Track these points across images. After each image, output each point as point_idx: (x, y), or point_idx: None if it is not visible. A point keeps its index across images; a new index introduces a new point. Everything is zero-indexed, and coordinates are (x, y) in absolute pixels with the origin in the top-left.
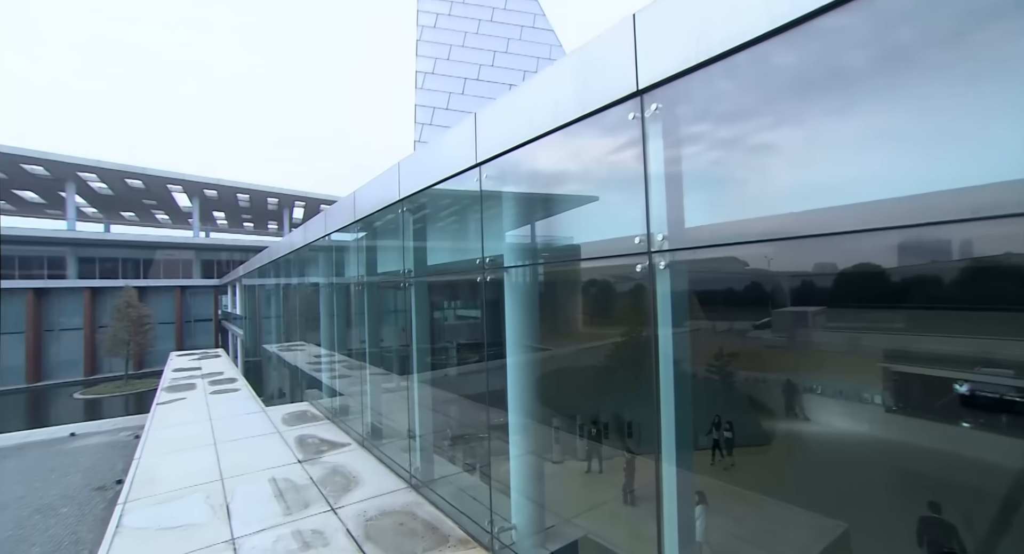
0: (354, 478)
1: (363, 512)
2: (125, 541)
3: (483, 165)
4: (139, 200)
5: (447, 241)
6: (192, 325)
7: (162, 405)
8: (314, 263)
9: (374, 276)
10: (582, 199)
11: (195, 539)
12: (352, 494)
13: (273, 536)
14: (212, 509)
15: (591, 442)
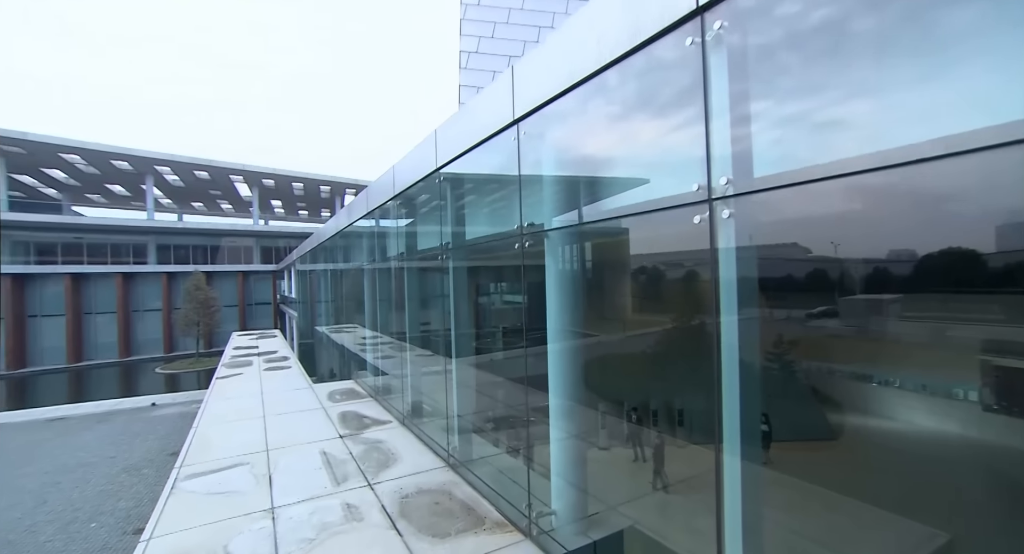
0: (393, 455)
1: (399, 489)
2: (177, 502)
3: (521, 122)
4: (206, 191)
5: (486, 210)
6: (253, 308)
7: (221, 379)
8: (357, 244)
9: (413, 254)
10: (631, 149)
11: (238, 505)
12: (390, 471)
13: (310, 508)
14: (256, 478)
15: (640, 429)
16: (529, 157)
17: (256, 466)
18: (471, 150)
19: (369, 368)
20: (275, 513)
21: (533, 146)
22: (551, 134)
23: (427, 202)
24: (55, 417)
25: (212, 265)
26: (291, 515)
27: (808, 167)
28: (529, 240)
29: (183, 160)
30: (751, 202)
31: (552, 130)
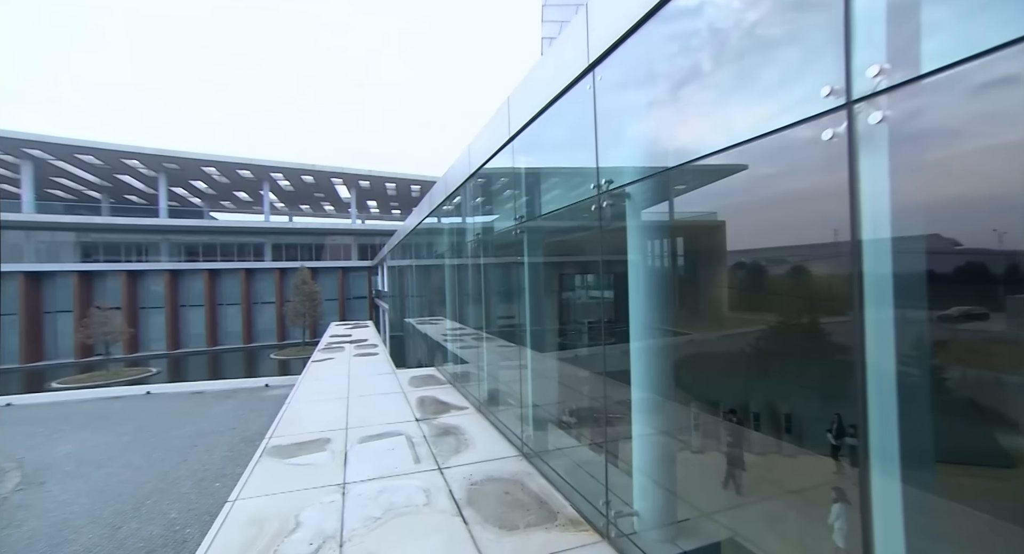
0: (465, 440)
1: (469, 475)
2: (262, 470)
3: (597, 66)
4: (311, 193)
5: (561, 177)
6: (352, 302)
7: (315, 362)
8: (435, 234)
9: (490, 236)
10: (726, 78)
11: (313, 478)
12: (461, 456)
13: (379, 487)
14: (333, 455)
15: (744, 431)
16: (606, 105)
17: (335, 443)
18: (545, 110)
19: (449, 356)
20: (346, 489)
21: (612, 91)
22: (633, 74)
23: (501, 179)
24: (196, 391)
25: (316, 262)
26: (360, 492)
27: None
28: (608, 200)
29: (292, 166)
30: (917, 101)
31: (634, 71)
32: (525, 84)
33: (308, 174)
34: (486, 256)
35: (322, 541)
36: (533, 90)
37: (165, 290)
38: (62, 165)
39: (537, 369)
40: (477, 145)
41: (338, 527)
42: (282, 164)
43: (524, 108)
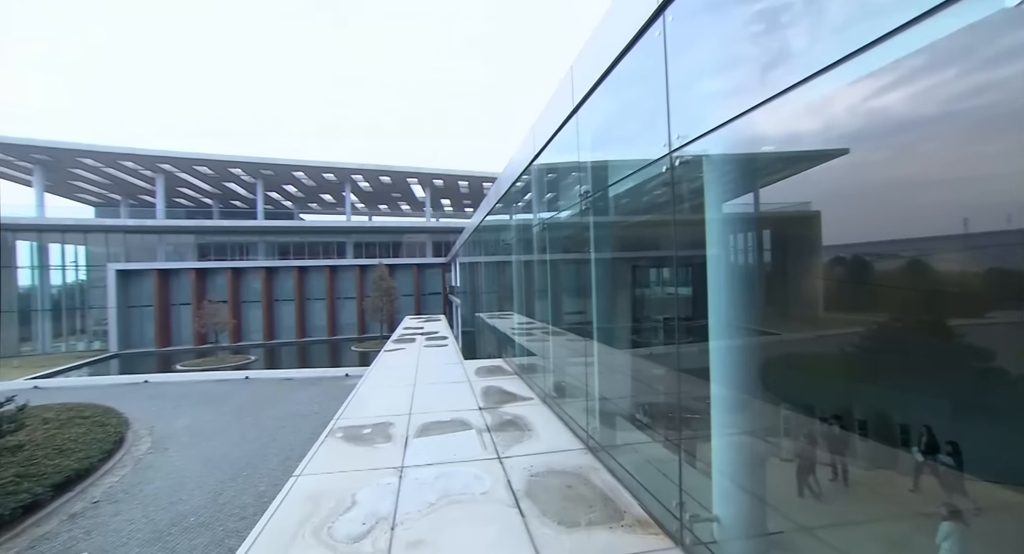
0: (528, 431)
1: (529, 466)
2: (326, 448)
3: (669, 5)
4: (389, 194)
5: (629, 145)
6: (426, 297)
7: (387, 352)
8: (503, 228)
9: (554, 222)
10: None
11: (372, 460)
12: (522, 446)
13: (436, 472)
14: (393, 438)
15: (851, 440)
16: (678, 53)
17: (397, 427)
18: (610, 70)
19: (516, 348)
20: (403, 472)
21: (682, 36)
22: (707, 8)
23: (566, 156)
24: (286, 377)
25: (394, 259)
26: (417, 476)
27: None
28: (681, 158)
29: (371, 167)
30: None
31: (708, 2)
32: (588, 46)
33: (385, 175)
34: (552, 248)
35: (375, 522)
36: (597, 50)
37: (262, 286)
38: (184, 176)
39: (605, 362)
40: (541, 124)
41: (392, 509)
42: (362, 166)
43: (588, 72)
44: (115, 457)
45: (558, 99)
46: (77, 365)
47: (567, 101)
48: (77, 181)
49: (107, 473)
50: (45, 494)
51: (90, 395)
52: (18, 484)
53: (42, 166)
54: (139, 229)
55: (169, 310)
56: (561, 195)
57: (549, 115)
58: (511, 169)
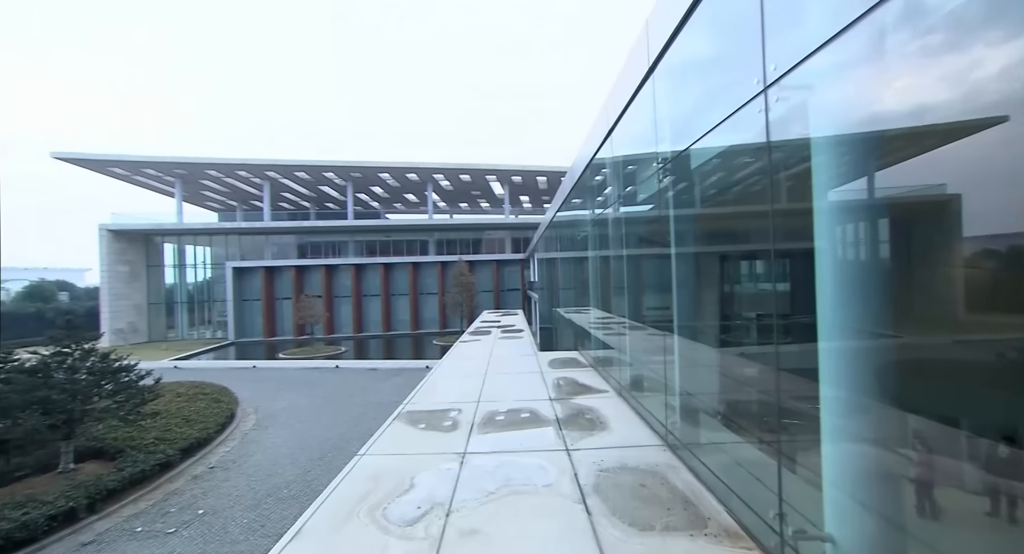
0: (600, 423)
1: (599, 461)
2: (392, 431)
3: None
4: (469, 192)
5: (714, 97)
6: (505, 293)
7: (462, 343)
8: (577, 220)
9: (632, 211)
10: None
11: (435, 444)
12: (593, 438)
13: (498, 461)
14: (459, 425)
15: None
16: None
17: (464, 414)
18: (694, 8)
19: (592, 340)
20: (464, 458)
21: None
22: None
23: (640, 119)
24: (372, 368)
25: (473, 255)
26: (478, 464)
27: None
28: (782, 96)
29: (451, 166)
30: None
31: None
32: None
33: (465, 173)
34: (628, 240)
35: (430, 507)
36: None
37: (352, 282)
38: (286, 182)
39: (688, 357)
40: (613, 98)
41: (449, 495)
42: (442, 165)
43: (665, 21)
44: (227, 430)
45: (632, 62)
46: (205, 350)
47: (643, 60)
48: (205, 191)
49: (220, 444)
50: (175, 456)
51: (211, 376)
52: (156, 446)
53: (180, 179)
54: (250, 231)
55: (274, 303)
56: (637, 180)
57: (621, 84)
58: (581, 157)
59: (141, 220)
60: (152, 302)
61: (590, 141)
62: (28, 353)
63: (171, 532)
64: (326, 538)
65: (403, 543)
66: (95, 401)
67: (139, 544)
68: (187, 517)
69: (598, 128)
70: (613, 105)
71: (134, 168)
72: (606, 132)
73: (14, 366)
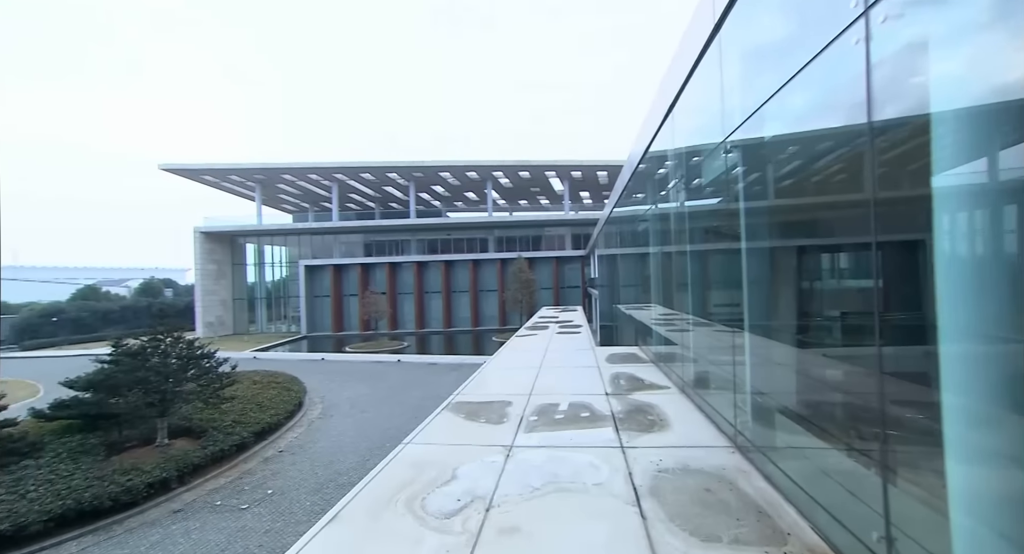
0: (661, 421)
1: (657, 460)
2: (439, 420)
3: None
4: (528, 188)
5: (792, 46)
6: (565, 290)
7: (518, 337)
8: (637, 211)
9: (696, 198)
10: None
11: (482, 435)
12: (651, 436)
13: (546, 455)
14: (507, 417)
15: None
16: None
17: (514, 407)
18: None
19: (653, 335)
20: (511, 452)
21: None
22: None
23: (703, 93)
24: (431, 363)
25: (533, 252)
26: (525, 457)
27: None
28: (888, 14)
29: (510, 163)
30: None
31: None
32: None
33: (524, 169)
34: (692, 236)
35: (471, 500)
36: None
37: (414, 279)
38: (353, 184)
39: (761, 354)
40: (670, 72)
41: (491, 489)
42: (502, 162)
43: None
44: (295, 417)
45: (693, 32)
46: (281, 343)
47: (706, 25)
48: (281, 194)
49: (289, 430)
50: (249, 438)
51: (284, 366)
52: (234, 428)
53: (259, 184)
54: (320, 230)
55: (342, 300)
56: (702, 168)
57: (680, 58)
58: (638, 145)
59: (227, 223)
60: (236, 298)
61: (647, 124)
62: (134, 340)
63: (244, 508)
64: (361, 525)
65: (438, 536)
66: (183, 384)
67: (218, 516)
68: (258, 496)
69: (657, 107)
70: (671, 82)
71: (221, 175)
72: (665, 109)
73: (122, 350)
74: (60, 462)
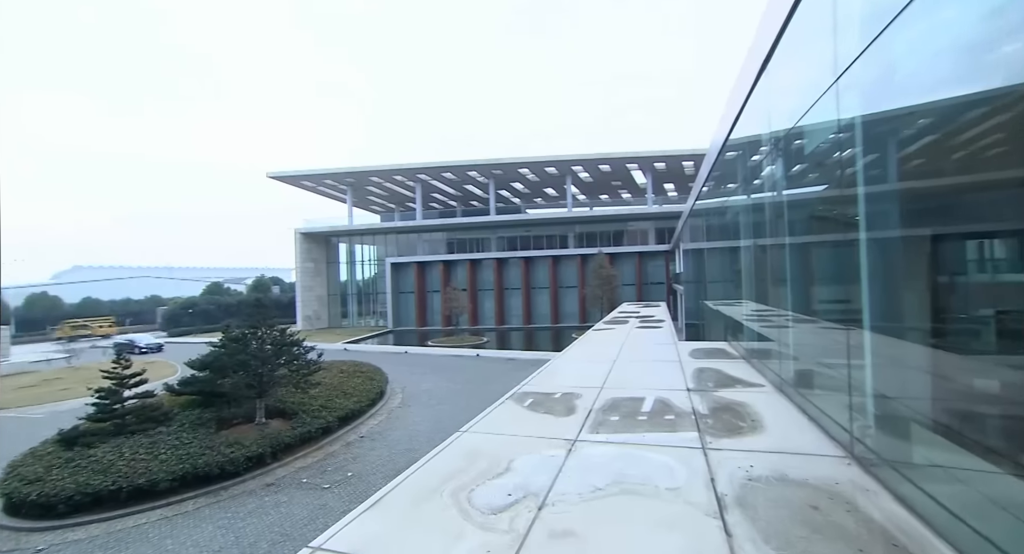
0: (752, 421)
1: (746, 466)
2: (501, 410)
3: None
4: (609, 182)
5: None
6: (648, 286)
7: (594, 331)
8: (726, 204)
9: (797, 186)
10: None
11: (546, 428)
12: (740, 438)
13: (614, 453)
14: (574, 410)
15: None
16: None
17: (583, 399)
18: None
19: (745, 330)
20: (574, 446)
21: None
22: None
23: (805, 57)
24: (510, 358)
25: (614, 247)
26: (589, 453)
27: None
28: None
29: (590, 157)
30: None
31: None
32: None
33: (605, 163)
34: (793, 227)
35: (522, 495)
36: None
37: (494, 276)
38: (435, 183)
39: (886, 354)
40: (762, 28)
41: (547, 486)
42: (581, 156)
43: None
44: (376, 406)
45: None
46: (369, 336)
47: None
48: (369, 196)
49: (370, 417)
50: (334, 423)
51: (370, 358)
52: (320, 412)
53: (350, 187)
54: (404, 229)
55: (425, 296)
56: (805, 149)
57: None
58: (721, 128)
59: (322, 224)
60: (330, 293)
61: (732, 102)
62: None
63: (326, 488)
64: (401, 513)
65: (480, 534)
66: (277, 368)
67: (304, 493)
68: (338, 477)
69: (742, 81)
70: (765, 33)
71: (317, 180)
72: (755, 74)
73: (228, 336)
74: (183, 431)
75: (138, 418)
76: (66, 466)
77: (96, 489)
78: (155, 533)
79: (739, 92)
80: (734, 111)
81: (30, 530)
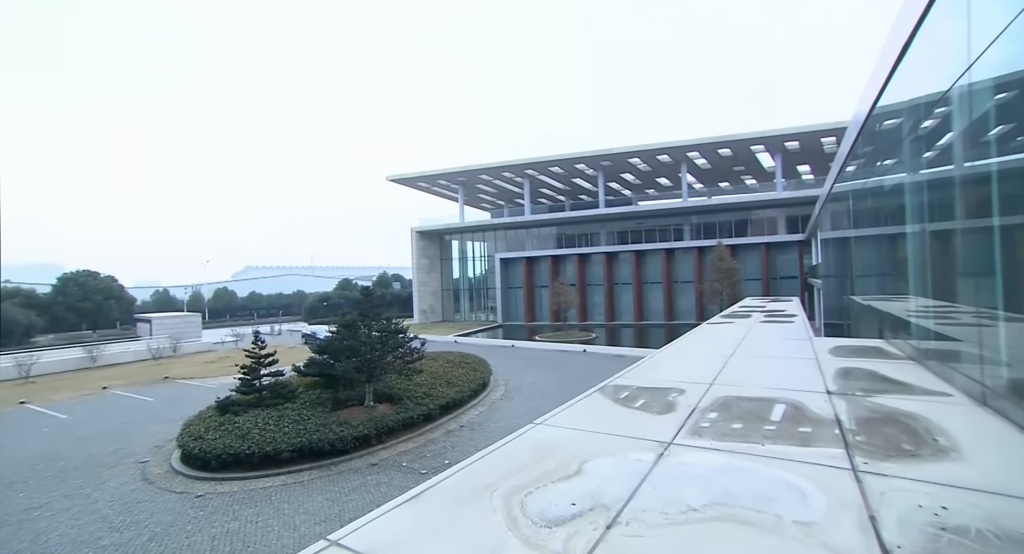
0: (934, 440)
1: (933, 505)
2: (587, 402)
3: None
4: (729, 168)
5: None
6: (777, 282)
7: (709, 325)
8: (881, 169)
9: (993, 154)
10: None
11: (635, 426)
12: (916, 465)
13: (720, 463)
14: (673, 407)
15: None
16: None
17: (687, 396)
18: None
19: (913, 328)
20: (667, 450)
21: None
22: None
23: None
24: (617, 354)
25: (736, 238)
26: (684, 461)
27: None
28: None
29: (708, 141)
30: None
31: None
32: None
33: (724, 146)
34: (1000, 204)
35: (589, 507)
36: None
37: (603, 270)
38: (543, 178)
39: None
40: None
41: (624, 498)
42: (698, 141)
43: None
44: (479, 396)
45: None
46: (479, 330)
47: None
48: (479, 193)
49: (471, 407)
50: (435, 411)
51: (477, 350)
52: (423, 400)
53: (462, 185)
54: (513, 225)
55: (533, 291)
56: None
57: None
58: (867, 95)
59: (436, 222)
60: (444, 288)
61: (887, 50)
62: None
63: (423, 473)
64: (438, 512)
65: (523, 552)
66: (385, 355)
67: (402, 476)
68: (436, 464)
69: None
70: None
71: (431, 180)
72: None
73: (341, 322)
74: (304, 408)
75: (272, 393)
76: (218, 429)
77: (236, 451)
78: (277, 497)
79: (894, 42)
80: (885, 68)
81: (195, 478)
